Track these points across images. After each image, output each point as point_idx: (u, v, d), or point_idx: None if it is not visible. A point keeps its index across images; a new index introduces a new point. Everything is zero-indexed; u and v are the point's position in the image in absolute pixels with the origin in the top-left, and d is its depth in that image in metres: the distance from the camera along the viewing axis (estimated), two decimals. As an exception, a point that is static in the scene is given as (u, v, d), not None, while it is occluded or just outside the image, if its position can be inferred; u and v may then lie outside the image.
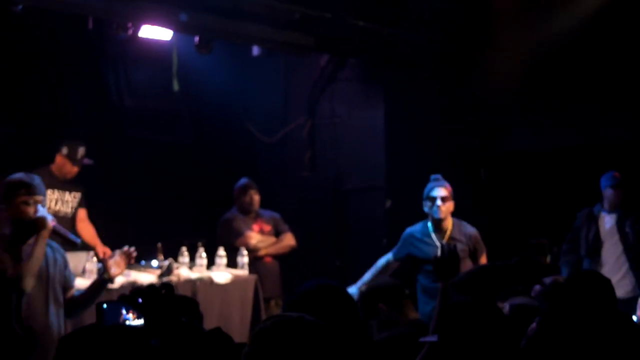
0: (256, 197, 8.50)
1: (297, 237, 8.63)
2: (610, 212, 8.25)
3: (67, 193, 7.94)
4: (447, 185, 7.20)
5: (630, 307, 7.26)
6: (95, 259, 7.30)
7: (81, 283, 6.90)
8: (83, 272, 7.12)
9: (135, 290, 3.31)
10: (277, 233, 8.54)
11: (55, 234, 5.29)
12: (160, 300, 3.23)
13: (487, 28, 9.35)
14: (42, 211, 5.15)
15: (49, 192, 7.69)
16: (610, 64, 9.12)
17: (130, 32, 7.99)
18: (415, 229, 7.26)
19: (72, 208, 8.00)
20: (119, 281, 7.20)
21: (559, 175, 9.64)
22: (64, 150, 7.87)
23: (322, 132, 10.46)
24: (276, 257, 8.51)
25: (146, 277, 7.51)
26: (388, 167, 9.90)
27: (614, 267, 8.15)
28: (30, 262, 5.04)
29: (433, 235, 7.13)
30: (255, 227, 8.51)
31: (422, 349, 4.05)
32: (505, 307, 4.70)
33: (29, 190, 5.13)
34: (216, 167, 10.00)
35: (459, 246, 6.57)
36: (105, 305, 3.36)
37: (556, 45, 9.09)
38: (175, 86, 9.49)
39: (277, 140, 10.67)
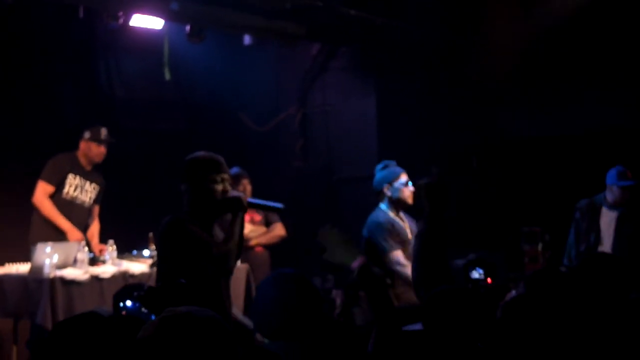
0: (248, 187, 8.46)
1: (288, 226, 8.61)
2: (612, 208, 7.74)
3: (88, 182, 8.04)
4: None
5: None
6: (86, 248, 7.29)
7: (71, 273, 6.91)
8: (74, 262, 7.10)
9: (148, 290, 3.30)
10: (268, 223, 8.51)
11: (254, 207, 5.29)
12: (173, 299, 3.23)
13: (480, 15, 9.33)
14: (233, 191, 5.05)
15: (71, 176, 7.78)
16: (605, 51, 9.12)
17: (121, 21, 7.98)
18: (383, 215, 7.10)
19: (89, 198, 8.08)
20: (110, 271, 7.21)
21: (552, 163, 9.64)
22: (87, 135, 7.96)
23: (314, 121, 10.45)
24: (267, 246, 8.49)
25: (137, 266, 7.50)
26: (380, 155, 9.87)
27: None
28: (233, 242, 4.89)
29: (398, 219, 7.08)
30: (246, 216, 8.47)
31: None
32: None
33: (218, 168, 5.02)
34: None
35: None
36: (121, 304, 3.37)
37: (551, 31, 9.08)
38: (167, 75, 9.47)
39: (269, 129, 10.66)
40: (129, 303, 3.34)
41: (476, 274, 4.62)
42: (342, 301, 8.07)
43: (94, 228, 8.19)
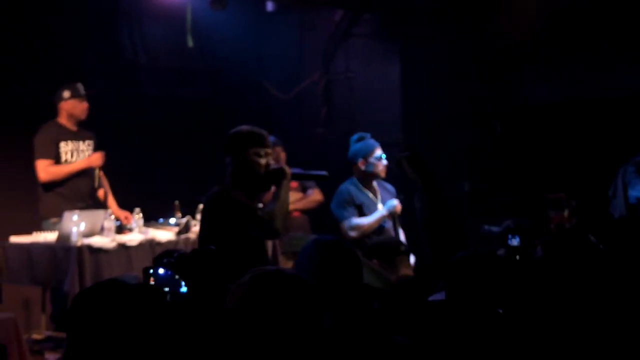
0: (282, 154, 8.46)
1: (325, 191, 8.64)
2: None
3: (80, 142, 7.84)
4: None
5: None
6: (113, 216, 7.30)
7: (99, 241, 6.94)
8: (101, 230, 7.13)
9: (179, 256, 3.31)
10: (304, 189, 8.52)
11: (298, 177, 5.42)
12: (204, 266, 3.24)
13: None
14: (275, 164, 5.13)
15: (63, 144, 7.68)
16: (636, 13, 9.01)
17: (144, -12, 7.95)
18: (346, 187, 7.24)
19: (88, 156, 7.96)
20: (137, 239, 7.24)
21: (577, 128, 9.56)
22: (66, 94, 7.74)
23: (337, 88, 10.42)
24: (304, 212, 8.49)
25: (164, 234, 7.53)
26: (404, 122, 9.87)
27: None
28: (278, 204, 4.96)
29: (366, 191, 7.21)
30: (284, 182, 8.49)
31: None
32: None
33: (262, 142, 5.05)
34: (231, 124, 9.92)
35: None
36: (151, 270, 3.37)
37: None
38: (190, 42, 9.45)
39: (293, 97, 10.63)
40: (160, 270, 3.34)
41: (515, 242, 4.61)
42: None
43: (109, 195, 8.08)
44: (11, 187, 8.31)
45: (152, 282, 3.39)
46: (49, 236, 7.20)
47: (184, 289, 3.31)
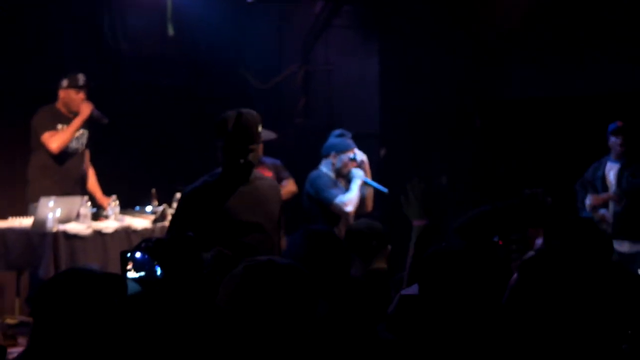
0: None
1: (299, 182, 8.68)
2: (615, 160, 8.08)
3: None
4: None
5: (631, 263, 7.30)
6: (89, 203, 7.32)
7: (74, 227, 6.95)
8: (77, 217, 7.14)
9: (157, 241, 3.35)
10: (279, 179, 8.53)
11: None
12: (181, 251, 3.27)
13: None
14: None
15: (59, 126, 7.71)
16: (614, 12, 9.05)
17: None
18: (324, 172, 7.52)
19: (82, 144, 7.94)
20: (113, 226, 7.26)
21: (556, 124, 9.63)
22: (64, 83, 7.80)
23: (316, 79, 10.44)
24: None
25: (140, 222, 7.55)
26: (382, 114, 9.90)
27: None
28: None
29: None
30: (257, 173, 8.51)
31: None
32: None
33: (254, 139, 4.95)
34: (211, 113, 9.95)
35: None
36: (129, 254, 3.40)
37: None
38: (170, 31, 9.45)
39: (271, 87, 10.63)
40: (137, 254, 3.38)
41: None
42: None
43: (92, 179, 8.12)
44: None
45: (129, 266, 3.44)
46: (24, 221, 7.21)
47: (158, 273, 3.35)
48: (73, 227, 6.96)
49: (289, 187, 8.50)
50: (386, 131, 9.80)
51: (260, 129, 5.01)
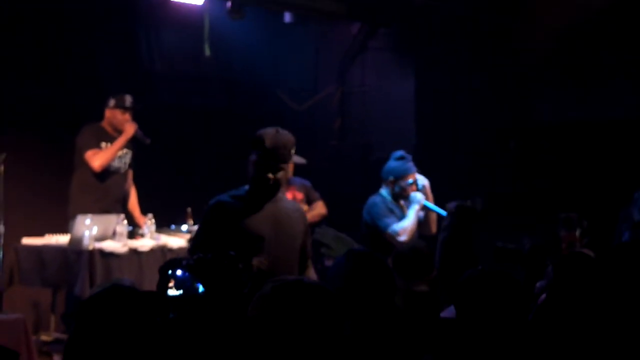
0: (291, 165, 8.49)
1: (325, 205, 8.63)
2: None
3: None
4: None
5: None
6: (125, 221, 7.34)
7: (110, 245, 6.97)
8: (113, 235, 7.16)
9: (198, 259, 3.35)
10: (309, 201, 8.52)
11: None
12: (224, 271, 3.28)
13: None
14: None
15: (103, 144, 7.75)
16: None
17: (162, -5, 7.99)
18: (381, 199, 7.26)
19: (124, 164, 8.00)
20: (148, 244, 7.27)
21: (590, 148, 9.57)
22: (111, 102, 7.87)
23: (352, 101, 10.45)
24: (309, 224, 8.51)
25: (175, 241, 7.56)
26: (418, 137, 9.88)
27: None
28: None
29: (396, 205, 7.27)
30: (289, 195, 8.50)
31: None
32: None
33: (284, 158, 5.01)
34: (245, 134, 9.96)
35: None
36: (170, 271, 3.41)
37: (591, 16, 9.00)
38: (207, 51, 9.47)
39: (307, 108, 10.65)
40: (178, 272, 3.38)
41: None
42: None
43: (133, 199, 8.17)
44: (26, 190, 8.32)
45: (170, 284, 3.44)
46: (60, 239, 7.24)
47: (200, 290, 3.35)
48: (109, 245, 6.98)
49: (318, 209, 8.48)
50: (421, 153, 9.76)
51: (293, 150, 5.02)
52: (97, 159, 7.62)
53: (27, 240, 7.30)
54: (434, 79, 9.87)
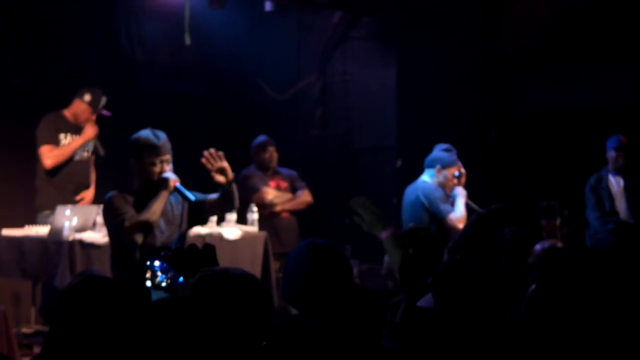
0: (275, 155, 8.54)
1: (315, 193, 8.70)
2: (615, 173, 8.13)
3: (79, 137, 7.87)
4: None
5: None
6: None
7: (90, 236, 6.95)
8: (93, 226, 7.13)
9: (176, 250, 3.36)
10: (294, 190, 8.58)
11: (176, 191, 5.58)
12: (202, 260, 3.28)
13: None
14: (168, 172, 5.56)
15: (62, 136, 7.69)
16: (631, 27, 9.03)
17: (143, -16, 7.95)
18: (433, 185, 7.36)
19: (87, 152, 7.94)
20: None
21: (571, 137, 9.59)
22: (87, 97, 7.79)
23: (333, 90, 10.44)
24: (293, 212, 8.55)
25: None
26: (399, 126, 9.87)
27: None
28: (145, 213, 5.33)
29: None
30: (272, 183, 8.54)
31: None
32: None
33: (156, 152, 5.50)
34: (227, 123, 9.98)
35: None
36: (148, 262, 3.41)
37: (576, 5, 9.01)
38: (187, 40, 9.43)
39: (289, 97, 10.64)
40: (157, 263, 3.39)
41: None
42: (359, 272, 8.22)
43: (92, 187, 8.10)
44: (7, 180, 8.29)
45: (148, 274, 3.45)
46: (40, 230, 7.21)
47: (181, 279, 3.39)
48: (89, 236, 6.95)
49: (304, 197, 8.56)
50: (403, 143, 9.77)
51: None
52: (49, 157, 7.59)
53: (6, 232, 7.27)
54: (416, 67, 9.85)
